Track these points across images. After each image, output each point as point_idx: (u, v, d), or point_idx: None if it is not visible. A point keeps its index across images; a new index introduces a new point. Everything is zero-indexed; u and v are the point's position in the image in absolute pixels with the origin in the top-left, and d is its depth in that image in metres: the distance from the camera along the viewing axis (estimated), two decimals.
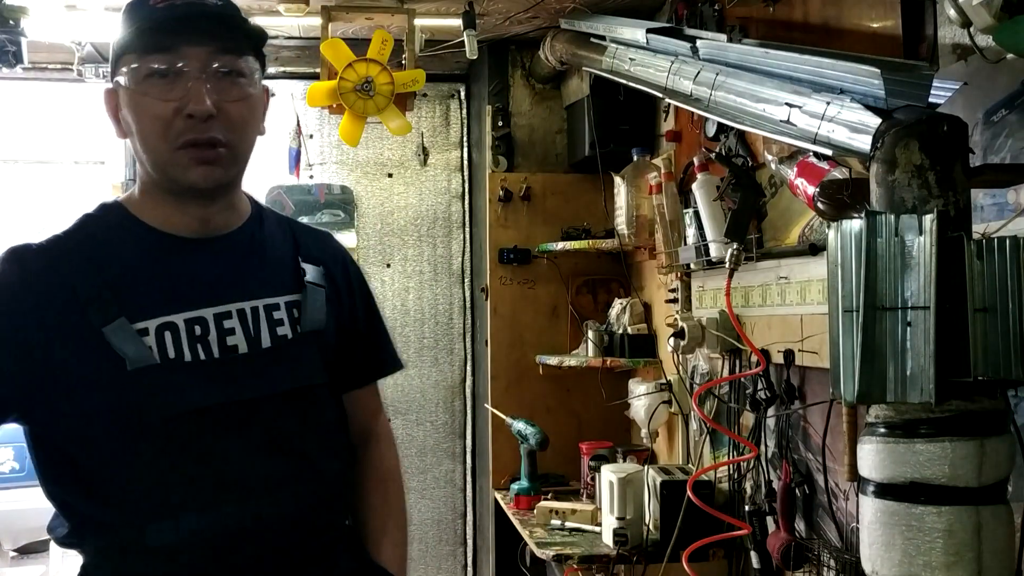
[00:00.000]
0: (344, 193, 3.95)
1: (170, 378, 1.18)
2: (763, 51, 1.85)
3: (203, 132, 1.17)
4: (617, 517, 2.57)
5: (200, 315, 1.21)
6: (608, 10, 2.97)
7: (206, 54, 1.18)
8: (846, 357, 1.21)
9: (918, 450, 1.18)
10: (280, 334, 1.26)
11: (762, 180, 2.34)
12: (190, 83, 1.16)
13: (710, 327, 2.48)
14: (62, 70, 3.73)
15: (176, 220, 1.24)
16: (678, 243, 2.75)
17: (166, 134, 1.17)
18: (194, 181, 1.20)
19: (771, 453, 2.30)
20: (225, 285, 1.25)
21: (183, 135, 1.17)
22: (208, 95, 1.16)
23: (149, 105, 1.17)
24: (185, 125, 1.16)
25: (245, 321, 1.23)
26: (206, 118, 1.16)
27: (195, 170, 1.19)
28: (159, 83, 1.17)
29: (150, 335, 1.17)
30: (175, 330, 1.18)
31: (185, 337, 1.19)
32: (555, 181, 3.59)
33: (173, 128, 1.17)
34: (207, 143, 1.18)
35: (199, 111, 1.16)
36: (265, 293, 1.27)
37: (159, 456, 1.18)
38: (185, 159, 1.18)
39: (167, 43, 1.16)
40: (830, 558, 2.03)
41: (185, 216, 1.24)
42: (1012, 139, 1.50)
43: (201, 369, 1.19)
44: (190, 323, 1.20)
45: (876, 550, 1.22)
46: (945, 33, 1.66)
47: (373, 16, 3.08)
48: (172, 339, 1.18)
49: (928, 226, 1.18)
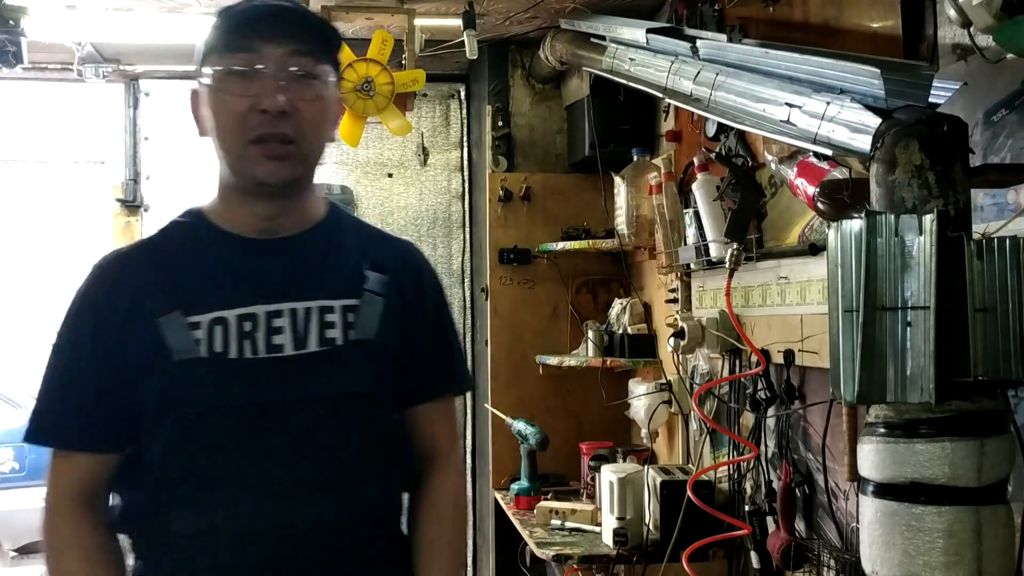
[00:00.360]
0: (344, 193, 3.95)
1: (211, 373, 1.22)
2: (763, 51, 1.85)
3: (274, 128, 1.21)
4: (617, 517, 2.57)
5: (252, 312, 1.24)
6: (608, 10, 2.97)
7: (282, 54, 1.22)
8: (846, 357, 1.21)
9: (918, 450, 1.18)
10: (329, 337, 1.27)
11: (762, 180, 2.34)
12: (266, 81, 1.21)
13: (710, 327, 2.48)
14: (62, 70, 3.73)
15: (243, 220, 1.29)
16: (678, 243, 2.75)
17: (240, 130, 1.22)
18: (263, 176, 1.24)
19: (771, 453, 2.30)
20: (280, 285, 1.27)
21: (255, 130, 1.21)
22: (281, 93, 1.21)
23: (226, 102, 1.22)
24: (258, 120, 1.21)
25: (295, 322, 1.25)
26: (278, 114, 1.21)
27: (264, 165, 1.23)
28: (237, 81, 1.22)
29: (202, 329, 1.22)
30: (226, 325, 1.23)
31: (235, 332, 1.23)
32: (555, 181, 3.59)
33: (247, 124, 1.21)
34: (277, 139, 1.22)
35: (271, 107, 1.20)
36: (321, 296, 1.28)
37: (190, 447, 1.22)
38: (255, 154, 1.22)
39: (246, 43, 1.22)
40: (830, 558, 2.03)
41: (252, 215, 1.28)
42: (1012, 139, 1.50)
43: (243, 366, 1.22)
44: (241, 319, 1.23)
45: (876, 550, 1.22)
46: (945, 33, 1.66)
47: (373, 16, 3.08)
48: (222, 334, 1.22)
49: (928, 226, 1.18)
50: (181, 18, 3.32)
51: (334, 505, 1.25)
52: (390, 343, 1.32)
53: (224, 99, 1.22)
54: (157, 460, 1.23)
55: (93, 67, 3.69)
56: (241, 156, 1.23)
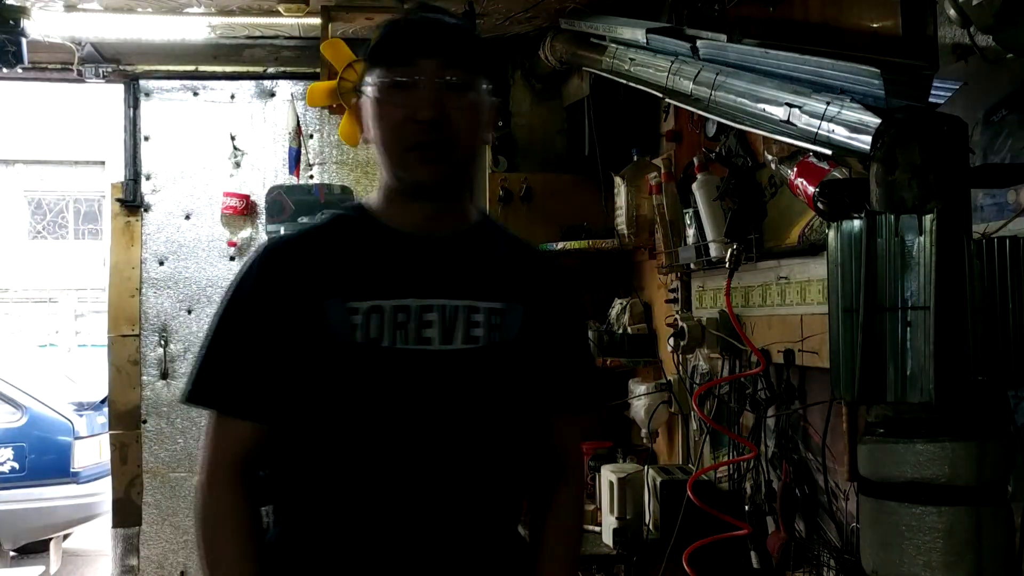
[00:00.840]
0: (344, 193, 3.95)
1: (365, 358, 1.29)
2: (763, 51, 1.85)
3: (428, 136, 1.30)
4: (617, 517, 2.57)
5: (406, 304, 1.31)
6: (608, 10, 2.97)
7: (436, 67, 1.30)
8: (846, 357, 1.21)
9: (918, 450, 1.18)
10: (474, 336, 1.34)
11: (762, 180, 2.34)
12: (421, 92, 1.30)
13: (710, 327, 2.48)
14: (62, 70, 3.73)
15: (404, 218, 1.37)
16: (678, 243, 2.75)
17: (398, 137, 1.31)
18: (421, 179, 1.32)
19: (771, 453, 2.29)
20: (433, 281, 1.34)
21: (412, 137, 1.30)
22: (436, 103, 1.29)
23: (387, 112, 1.31)
24: (414, 129, 1.29)
25: (444, 317, 1.32)
26: (432, 123, 1.29)
27: (421, 169, 1.31)
28: (396, 92, 1.31)
29: (359, 315, 1.30)
30: (382, 314, 1.30)
31: (389, 322, 1.30)
32: (555, 181, 3.58)
33: (404, 132, 1.30)
34: (431, 146, 1.30)
35: (428, 117, 1.29)
36: (469, 296, 1.35)
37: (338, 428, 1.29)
38: (413, 159, 1.31)
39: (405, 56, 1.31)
40: (830, 558, 2.03)
41: (412, 214, 1.36)
42: (1012, 139, 1.50)
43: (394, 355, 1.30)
44: (395, 309, 1.31)
45: (876, 550, 1.22)
46: (945, 33, 1.66)
47: (373, 16, 3.08)
48: (378, 322, 1.30)
49: (928, 226, 1.18)
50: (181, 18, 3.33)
51: (466, 499, 1.32)
52: (529, 351, 1.39)
53: (384, 109, 1.31)
54: (307, 436, 1.30)
55: (93, 67, 3.70)
56: (400, 162, 1.32)
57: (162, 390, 3.87)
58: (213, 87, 3.92)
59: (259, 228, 3.92)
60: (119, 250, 3.91)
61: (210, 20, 3.38)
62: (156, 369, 3.88)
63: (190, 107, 3.91)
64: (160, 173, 3.90)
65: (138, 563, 3.83)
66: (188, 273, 3.90)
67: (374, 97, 1.33)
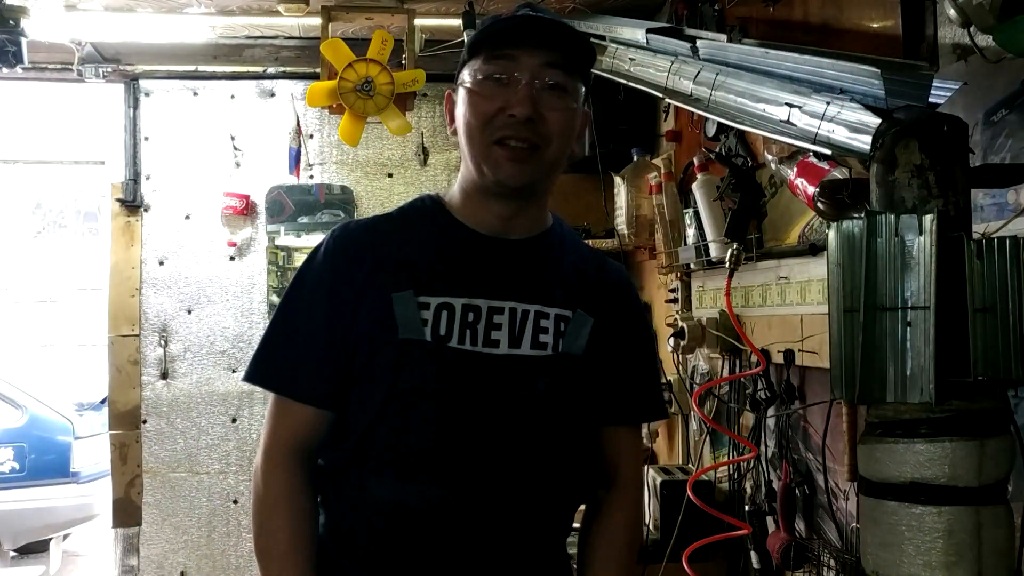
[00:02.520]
0: (344, 193, 3.95)
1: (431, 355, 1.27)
2: (763, 51, 1.85)
3: (519, 132, 1.27)
4: None
5: (476, 303, 1.30)
6: (608, 10, 2.97)
7: (537, 65, 1.28)
8: (846, 357, 1.21)
9: (918, 450, 1.18)
10: (542, 342, 1.32)
11: (762, 180, 2.34)
12: (518, 88, 1.27)
13: (710, 327, 2.48)
14: (62, 70, 3.73)
15: (480, 216, 1.35)
16: (678, 243, 2.75)
17: (486, 130, 1.28)
18: (505, 177, 1.29)
19: (771, 453, 2.29)
20: (505, 282, 1.32)
21: (500, 131, 1.28)
22: (531, 100, 1.27)
23: (478, 103, 1.29)
24: (505, 123, 1.27)
25: (513, 320, 1.31)
26: (525, 120, 1.27)
27: (506, 166, 1.29)
28: (492, 84, 1.29)
29: (430, 310, 1.28)
30: (452, 312, 1.29)
31: (459, 320, 1.28)
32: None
33: (494, 124, 1.28)
34: (521, 142, 1.28)
35: (520, 113, 1.26)
36: (539, 301, 1.33)
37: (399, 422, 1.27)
38: (500, 154, 1.28)
39: (506, 50, 1.29)
40: (830, 558, 2.03)
41: (489, 213, 1.34)
42: (1012, 139, 1.50)
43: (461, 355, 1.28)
44: (465, 308, 1.29)
45: (876, 550, 1.22)
46: (945, 33, 1.66)
47: (373, 16, 3.08)
48: (447, 318, 1.28)
49: (928, 226, 1.18)
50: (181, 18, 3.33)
51: (518, 504, 1.31)
52: (595, 361, 1.36)
53: (477, 100, 1.29)
54: (364, 427, 1.28)
55: (93, 67, 3.70)
56: (486, 155, 1.29)
57: (162, 390, 3.87)
58: (213, 87, 3.92)
59: (259, 228, 3.92)
60: (119, 250, 3.91)
61: (210, 20, 3.38)
62: (156, 369, 3.87)
63: (190, 107, 3.91)
64: (160, 173, 3.90)
65: (138, 563, 3.83)
66: (188, 273, 3.90)
67: (468, 87, 1.30)
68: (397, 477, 1.27)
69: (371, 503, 1.29)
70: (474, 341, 1.28)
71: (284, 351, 1.33)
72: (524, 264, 1.35)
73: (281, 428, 1.32)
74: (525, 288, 1.33)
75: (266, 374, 1.34)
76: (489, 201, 1.34)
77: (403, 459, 1.27)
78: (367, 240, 1.34)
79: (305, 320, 1.32)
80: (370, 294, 1.29)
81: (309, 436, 1.32)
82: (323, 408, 1.31)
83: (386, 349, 1.28)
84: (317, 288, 1.33)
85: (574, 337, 1.34)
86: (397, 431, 1.27)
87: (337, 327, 1.30)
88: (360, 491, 1.29)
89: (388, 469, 1.28)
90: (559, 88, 1.29)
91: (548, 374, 1.31)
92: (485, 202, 1.34)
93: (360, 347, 1.29)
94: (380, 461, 1.28)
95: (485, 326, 1.29)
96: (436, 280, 1.30)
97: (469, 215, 1.35)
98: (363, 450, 1.29)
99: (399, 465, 1.27)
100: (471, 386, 1.28)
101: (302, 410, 1.31)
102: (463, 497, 1.27)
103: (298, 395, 1.31)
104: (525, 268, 1.35)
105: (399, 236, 1.35)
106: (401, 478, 1.27)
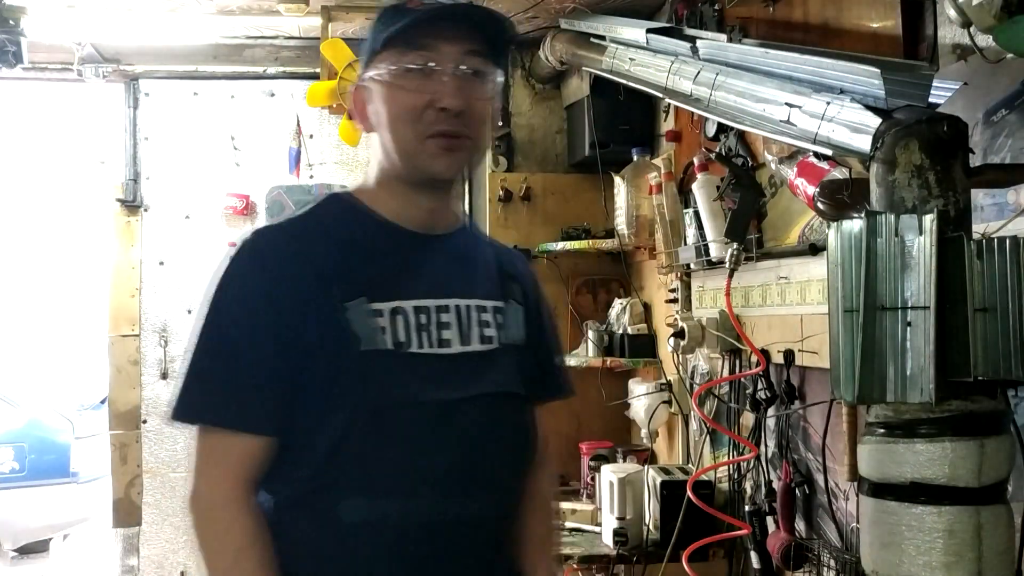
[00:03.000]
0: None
1: (395, 365, 1.22)
2: (763, 51, 1.85)
3: (452, 125, 1.24)
4: (617, 517, 2.57)
5: (425, 304, 1.26)
6: (608, 10, 2.97)
7: (460, 53, 1.25)
8: (846, 357, 1.21)
9: (918, 450, 1.18)
10: (487, 336, 1.32)
11: (762, 180, 2.34)
12: (444, 79, 1.24)
13: (710, 327, 2.48)
14: (62, 70, 3.73)
15: (407, 212, 1.31)
16: (678, 243, 2.75)
17: (417, 124, 1.25)
18: (438, 170, 1.27)
19: (771, 453, 2.29)
20: (445, 279, 1.31)
21: (433, 126, 1.24)
22: (460, 91, 1.24)
23: (405, 97, 1.25)
24: (436, 117, 1.24)
25: (460, 318, 1.29)
26: (458, 113, 1.24)
27: (442, 159, 1.26)
28: (415, 77, 1.24)
29: (384, 317, 1.23)
30: (405, 315, 1.24)
31: (413, 324, 1.25)
32: (555, 181, 3.58)
33: (424, 119, 1.24)
34: (454, 135, 1.25)
35: (453, 106, 1.23)
36: (477, 295, 1.33)
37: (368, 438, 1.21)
38: (433, 148, 1.25)
39: (425, 41, 1.25)
40: (830, 558, 2.03)
41: (416, 208, 1.31)
42: (1012, 139, 1.50)
43: (421, 360, 1.24)
44: (417, 311, 1.26)
45: (876, 550, 1.22)
46: (945, 33, 1.66)
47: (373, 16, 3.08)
48: (403, 324, 1.24)
49: (928, 226, 1.18)
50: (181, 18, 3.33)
51: (491, 501, 1.30)
52: (530, 347, 1.39)
53: (402, 95, 1.25)
54: (328, 450, 1.20)
55: (93, 67, 3.69)
56: (417, 150, 1.26)
57: (162, 390, 3.87)
58: (213, 87, 3.92)
59: None
60: (119, 250, 3.91)
61: (210, 20, 3.38)
62: (156, 369, 3.88)
63: (190, 107, 3.91)
64: (160, 173, 3.90)
65: (138, 563, 3.83)
66: (188, 273, 3.90)
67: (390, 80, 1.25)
68: (374, 495, 1.20)
69: (345, 528, 1.20)
70: (430, 343, 1.25)
71: (225, 379, 1.20)
72: (456, 259, 1.34)
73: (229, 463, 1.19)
74: (463, 284, 1.32)
75: (207, 409, 1.21)
76: (416, 195, 1.30)
77: (379, 476, 1.21)
78: (296, 248, 1.25)
79: (244, 342, 1.20)
80: (318, 305, 1.20)
81: (256, 469, 1.21)
82: (268, 436, 1.21)
83: (347, 363, 1.20)
84: (252, 304, 1.21)
85: (514, 327, 1.36)
86: (369, 448, 1.20)
87: (283, 346, 1.19)
88: (330, 518, 1.21)
89: (362, 489, 1.20)
90: (481, 76, 1.27)
91: (502, 366, 1.32)
92: (411, 197, 1.30)
93: (313, 363, 1.20)
94: (352, 482, 1.20)
95: (436, 327, 1.26)
96: (383, 284, 1.24)
97: (393, 211, 1.31)
98: (330, 474, 1.20)
99: (375, 483, 1.21)
100: (439, 390, 1.24)
101: (250, 442, 1.20)
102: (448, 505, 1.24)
103: (248, 426, 1.20)
104: (458, 264, 1.34)
105: (329, 240, 1.27)
106: (378, 496, 1.20)
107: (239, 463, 1.20)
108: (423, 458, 1.23)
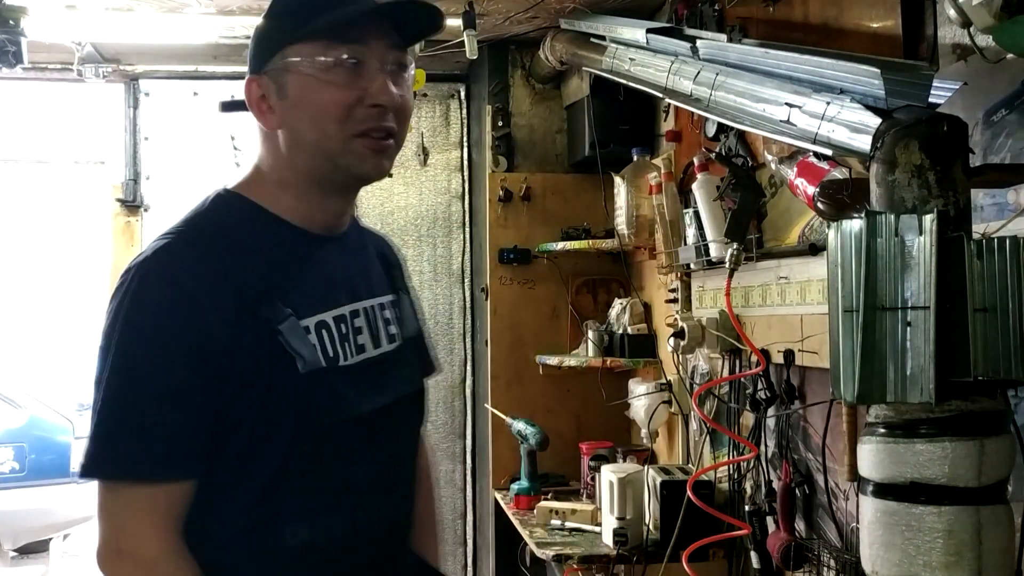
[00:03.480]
0: None
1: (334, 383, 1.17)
2: (763, 51, 1.85)
3: (383, 123, 1.18)
4: (617, 517, 2.57)
5: (341, 312, 1.21)
6: (608, 10, 2.97)
7: (387, 48, 1.19)
8: (846, 357, 1.21)
9: (918, 450, 1.18)
10: (391, 333, 1.30)
11: (762, 180, 2.34)
12: (375, 74, 1.17)
13: (710, 327, 2.48)
14: (62, 70, 3.73)
15: (312, 216, 1.23)
16: (678, 243, 2.75)
17: (347, 121, 1.17)
18: (366, 171, 1.20)
19: (771, 453, 2.30)
20: (352, 284, 1.26)
21: (363, 123, 1.17)
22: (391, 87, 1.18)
23: (333, 92, 1.16)
24: (367, 114, 1.17)
25: (369, 321, 1.26)
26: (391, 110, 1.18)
27: (371, 159, 1.19)
28: (343, 72, 1.16)
29: (311, 333, 1.16)
30: (328, 327, 1.19)
31: (336, 336, 1.19)
32: (555, 181, 3.59)
33: (353, 116, 1.16)
34: (384, 133, 1.19)
35: (388, 102, 1.17)
36: (376, 292, 1.30)
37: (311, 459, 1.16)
38: (361, 148, 1.18)
39: (356, 34, 1.16)
40: (830, 558, 2.03)
41: (323, 212, 1.23)
42: (1012, 139, 1.50)
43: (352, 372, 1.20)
44: (337, 321, 1.20)
45: (876, 550, 1.22)
46: (945, 33, 1.66)
47: None
48: (328, 337, 1.18)
49: (928, 226, 1.18)
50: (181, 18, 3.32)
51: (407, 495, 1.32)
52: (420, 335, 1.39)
53: (329, 89, 1.15)
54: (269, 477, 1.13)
55: (93, 67, 3.69)
56: (342, 149, 1.17)
57: None
58: (213, 87, 3.92)
59: None
60: (119, 250, 3.91)
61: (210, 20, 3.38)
62: None
63: (190, 107, 3.91)
64: (160, 173, 3.90)
65: None
66: None
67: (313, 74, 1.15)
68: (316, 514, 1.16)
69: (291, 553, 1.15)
70: (353, 353, 1.21)
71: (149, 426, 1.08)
72: (354, 259, 1.30)
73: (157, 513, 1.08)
74: (365, 284, 1.29)
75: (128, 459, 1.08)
76: (326, 198, 1.22)
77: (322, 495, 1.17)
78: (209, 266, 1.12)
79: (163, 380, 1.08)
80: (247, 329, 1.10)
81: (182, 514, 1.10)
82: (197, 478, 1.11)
83: (288, 387, 1.12)
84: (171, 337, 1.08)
85: (409, 319, 1.34)
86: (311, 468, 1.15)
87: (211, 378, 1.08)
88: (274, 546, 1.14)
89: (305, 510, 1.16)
90: (404, 69, 1.21)
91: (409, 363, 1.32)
92: (319, 199, 1.22)
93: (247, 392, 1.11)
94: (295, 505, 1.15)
95: (353, 333, 1.21)
96: (305, 298, 1.17)
97: (299, 215, 1.21)
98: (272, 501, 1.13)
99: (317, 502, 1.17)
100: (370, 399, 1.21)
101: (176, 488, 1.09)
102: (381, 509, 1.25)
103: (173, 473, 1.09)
104: (357, 263, 1.30)
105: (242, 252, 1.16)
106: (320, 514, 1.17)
107: (167, 512, 1.09)
108: (359, 469, 1.21)
